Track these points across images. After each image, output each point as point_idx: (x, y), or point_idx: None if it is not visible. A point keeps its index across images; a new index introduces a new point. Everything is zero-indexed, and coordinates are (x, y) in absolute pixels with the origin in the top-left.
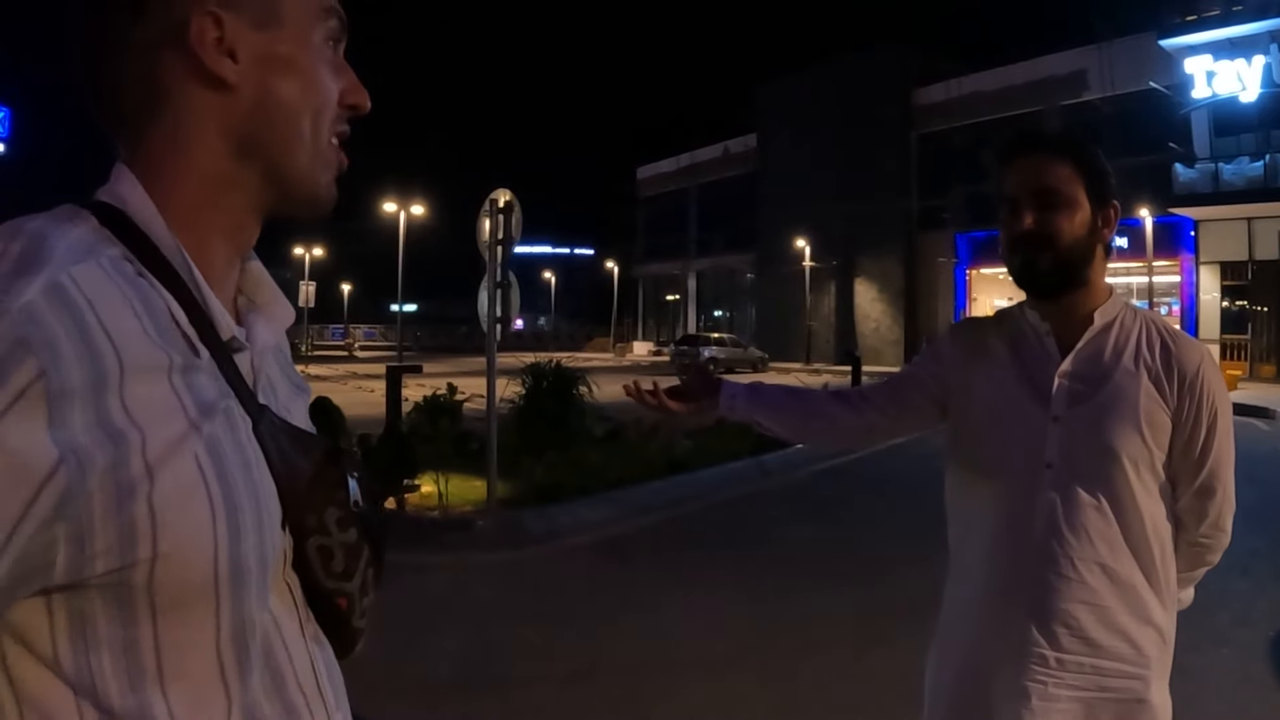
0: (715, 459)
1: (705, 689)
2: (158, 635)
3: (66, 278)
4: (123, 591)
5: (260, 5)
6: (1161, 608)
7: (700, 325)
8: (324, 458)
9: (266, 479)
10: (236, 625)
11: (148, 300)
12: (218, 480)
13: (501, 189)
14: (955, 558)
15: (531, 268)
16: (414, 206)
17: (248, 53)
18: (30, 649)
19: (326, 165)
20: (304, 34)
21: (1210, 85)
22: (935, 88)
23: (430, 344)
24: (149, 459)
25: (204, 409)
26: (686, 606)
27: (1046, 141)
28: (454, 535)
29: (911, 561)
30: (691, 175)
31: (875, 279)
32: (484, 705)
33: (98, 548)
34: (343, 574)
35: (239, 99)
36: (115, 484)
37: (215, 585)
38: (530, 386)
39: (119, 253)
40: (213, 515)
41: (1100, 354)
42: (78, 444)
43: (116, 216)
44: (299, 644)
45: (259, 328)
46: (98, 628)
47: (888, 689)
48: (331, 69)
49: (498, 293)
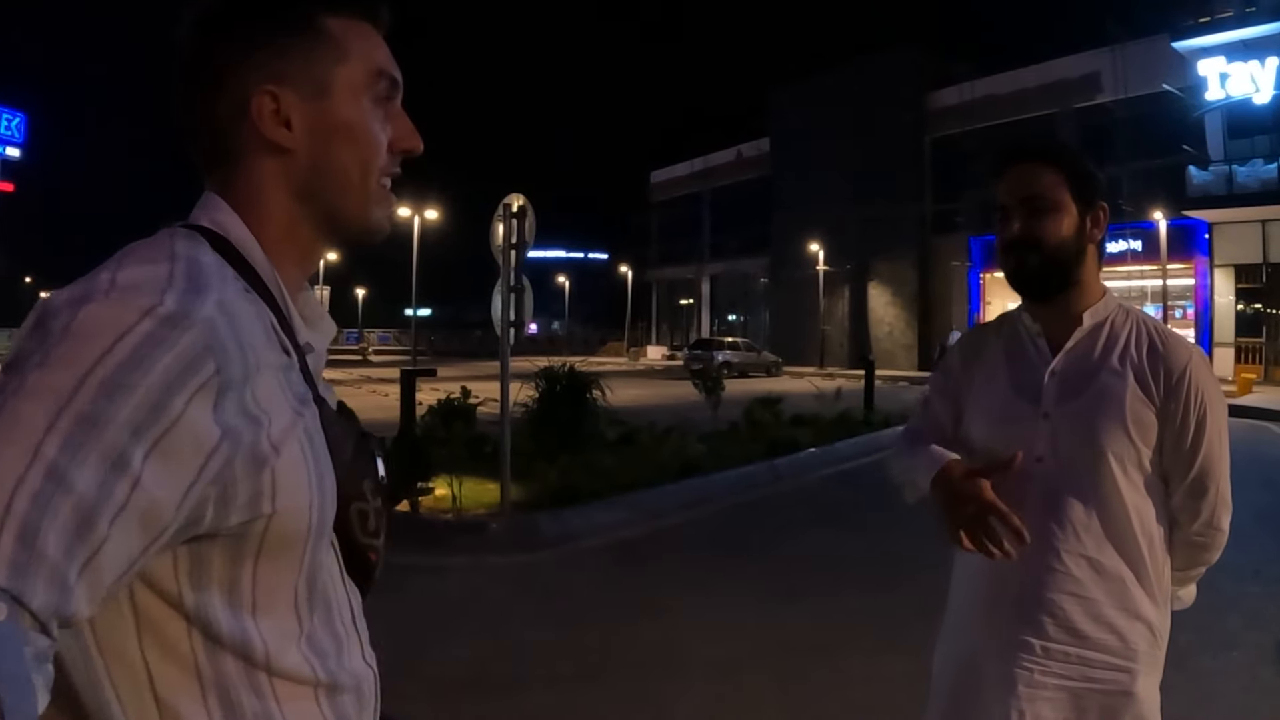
0: (728, 462)
1: (718, 691)
2: (256, 576)
3: (226, 297)
4: (240, 540)
5: (311, 81)
6: (1151, 603)
7: (714, 329)
8: (360, 440)
9: (328, 456)
10: (312, 566)
11: (260, 313)
12: (312, 456)
13: (515, 194)
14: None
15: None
16: (428, 211)
17: (301, 121)
18: (154, 587)
19: (377, 204)
20: (351, 101)
21: (1224, 87)
22: (948, 91)
23: (444, 348)
24: (273, 439)
25: (301, 400)
26: (700, 609)
27: (1032, 150)
28: (468, 538)
29: (925, 565)
30: (705, 179)
31: (889, 283)
32: (497, 706)
33: (236, 505)
34: (374, 532)
35: (297, 159)
36: (253, 457)
37: (307, 535)
38: (544, 390)
39: (232, 273)
40: (309, 483)
41: (1089, 353)
42: (232, 425)
43: (221, 242)
44: (341, 587)
45: (314, 337)
46: (212, 570)
47: (901, 692)
48: (380, 123)
49: (511, 297)
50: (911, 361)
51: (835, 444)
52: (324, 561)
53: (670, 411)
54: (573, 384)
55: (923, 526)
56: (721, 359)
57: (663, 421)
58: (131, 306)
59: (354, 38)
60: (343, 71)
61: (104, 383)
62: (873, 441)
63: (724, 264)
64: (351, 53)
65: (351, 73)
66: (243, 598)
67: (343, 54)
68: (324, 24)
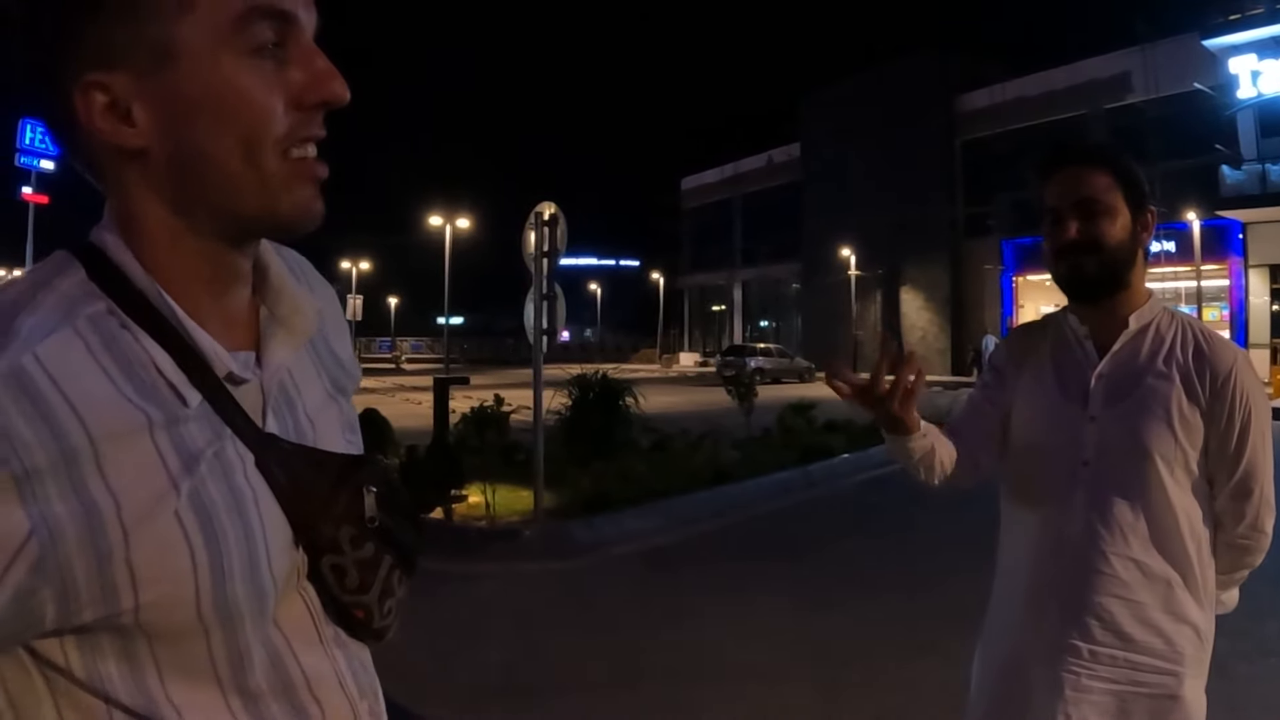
0: (761, 469)
1: (751, 699)
2: (155, 654)
3: (30, 358)
4: (117, 628)
5: (142, 49)
6: (1198, 606)
7: (746, 336)
8: (338, 477)
9: (269, 510)
10: (230, 650)
11: (126, 358)
12: (200, 530)
13: (546, 202)
14: (1001, 553)
15: (577, 280)
16: (460, 220)
17: (146, 108)
18: (52, 665)
19: (286, 186)
20: (208, 62)
21: (1255, 85)
22: (978, 93)
23: (477, 356)
24: (125, 522)
25: (188, 460)
26: (732, 616)
27: (1084, 153)
28: (501, 545)
29: (958, 571)
30: (736, 185)
31: (921, 287)
32: (530, 712)
33: (83, 602)
34: (358, 588)
35: (153, 159)
36: (93, 548)
37: (201, 622)
38: (576, 398)
39: (103, 307)
40: (193, 566)
41: (1136, 356)
42: (51, 515)
43: (103, 264)
44: (314, 651)
45: (275, 344)
46: (102, 645)
47: (934, 699)
48: (266, 79)
49: (544, 305)
50: (945, 366)
51: (868, 450)
52: (258, 639)
53: (703, 418)
54: (605, 391)
55: (957, 533)
56: (754, 365)
57: (695, 428)
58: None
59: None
60: (190, 24)
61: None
62: None
63: (755, 270)
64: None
65: (204, 22)
66: (144, 668)
67: (186, 1)
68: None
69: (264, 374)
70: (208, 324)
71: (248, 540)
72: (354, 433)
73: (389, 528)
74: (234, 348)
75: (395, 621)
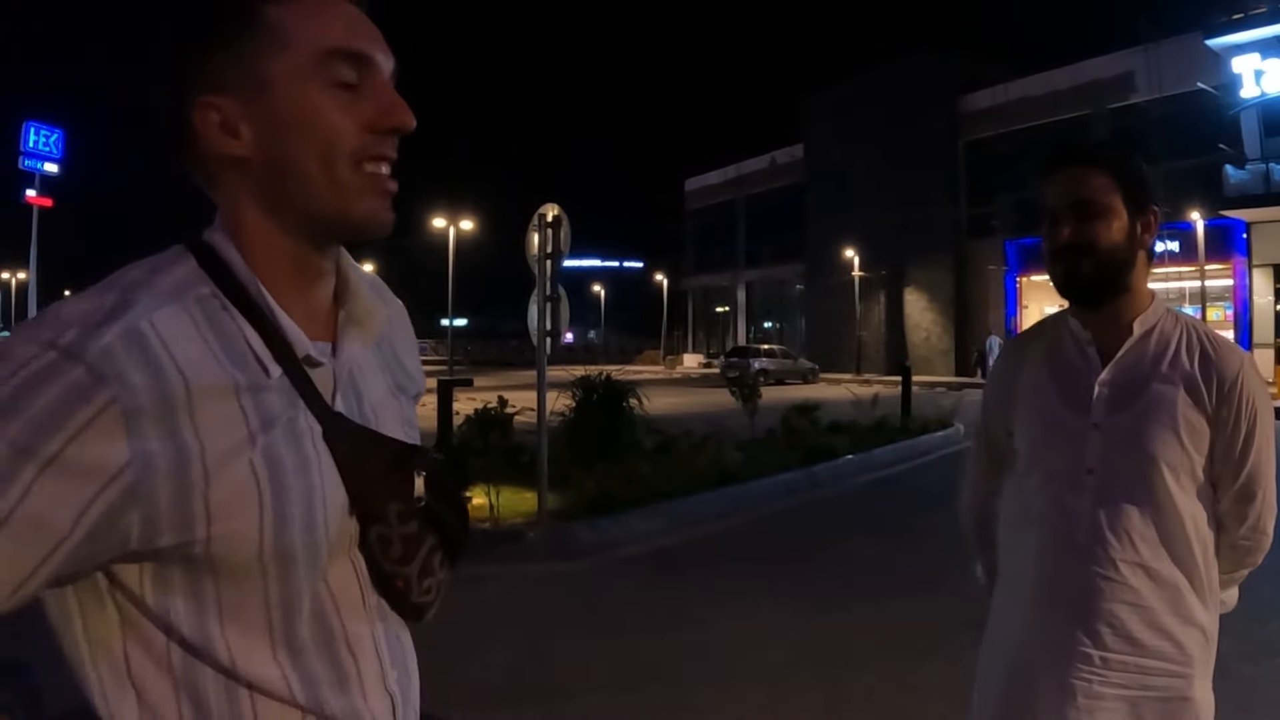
0: (766, 470)
1: (757, 700)
2: (218, 590)
3: (146, 323)
4: (189, 559)
5: (251, 80)
6: (1204, 608)
7: (750, 337)
8: (394, 459)
9: (330, 477)
10: (284, 594)
11: (224, 333)
12: (270, 481)
13: (549, 203)
14: (1003, 558)
15: (581, 281)
16: (463, 222)
17: (249, 126)
18: (124, 590)
19: (358, 195)
20: (297, 91)
21: (1259, 84)
22: (981, 94)
23: (481, 358)
24: (207, 464)
25: (266, 421)
26: (737, 617)
27: (1083, 153)
28: (505, 547)
29: (963, 574)
30: (739, 187)
31: (925, 288)
32: (534, 715)
33: (163, 527)
34: (400, 559)
35: (252, 167)
36: (179, 482)
37: (261, 562)
38: (580, 399)
39: (209, 290)
40: (260, 510)
41: (1140, 362)
42: (148, 450)
43: (212, 256)
44: (357, 614)
45: (349, 339)
46: (174, 581)
47: (938, 701)
48: (342, 106)
49: (547, 306)
50: (948, 367)
51: (873, 451)
52: (308, 590)
53: (707, 419)
54: (609, 393)
55: (960, 535)
56: (758, 366)
57: (700, 429)
58: (37, 339)
59: (298, 20)
60: (284, 61)
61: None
62: (911, 448)
63: (759, 271)
64: (293, 38)
65: (294, 60)
66: (207, 607)
67: (283, 42)
68: (263, 13)
69: (337, 362)
70: (293, 313)
71: (309, 497)
72: (412, 428)
73: (435, 511)
74: (314, 338)
75: (436, 602)
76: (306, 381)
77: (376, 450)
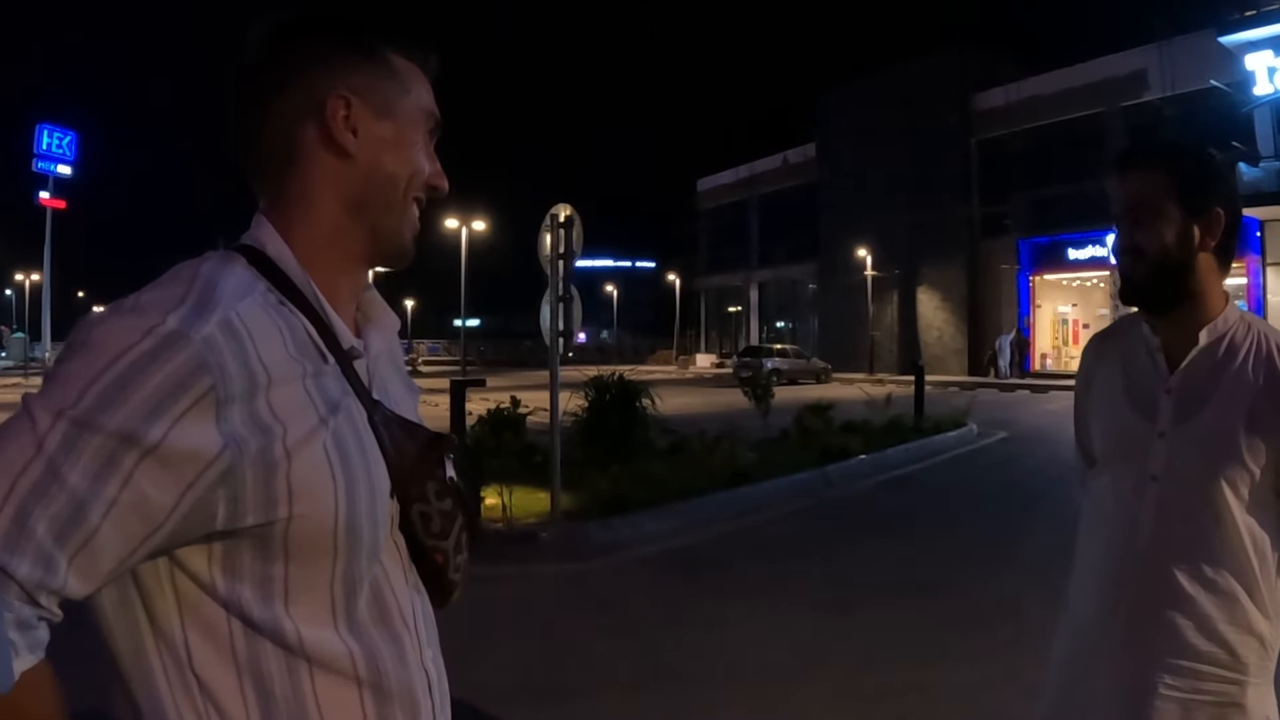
0: (779, 470)
1: (768, 700)
2: (287, 572)
3: (234, 314)
4: (265, 540)
5: (380, 99)
6: (1264, 617)
7: (763, 337)
8: (427, 443)
9: (378, 459)
10: (348, 571)
11: (289, 323)
12: (340, 462)
13: (562, 204)
14: (1080, 549)
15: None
16: (476, 222)
17: (365, 132)
18: (190, 573)
19: (409, 226)
20: (409, 126)
21: (1272, 81)
22: (994, 92)
23: (494, 358)
24: (288, 446)
25: (331, 406)
26: (750, 617)
27: (1140, 154)
28: (519, 547)
29: (976, 574)
30: (751, 186)
31: (938, 287)
32: (547, 715)
33: (248, 507)
34: (439, 534)
35: (355, 166)
36: (263, 463)
37: (334, 540)
38: (593, 399)
39: (264, 286)
40: (335, 489)
41: (1206, 371)
42: (238, 434)
43: (259, 257)
44: (403, 589)
45: (372, 337)
46: (243, 564)
47: (952, 702)
48: (427, 155)
49: (560, 307)
50: (962, 366)
51: (886, 451)
52: (369, 568)
53: (720, 419)
54: (622, 393)
55: (975, 536)
56: (771, 366)
57: (713, 429)
58: (137, 326)
59: (412, 77)
60: (407, 101)
61: (102, 393)
62: (924, 447)
63: (772, 271)
64: (412, 88)
65: (413, 104)
66: (274, 590)
67: (405, 87)
68: (389, 56)
69: (369, 356)
70: (338, 310)
71: (369, 477)
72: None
73: (462, 490)
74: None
75: (462, 582)
76: (352, 370)
77: (410, 435)
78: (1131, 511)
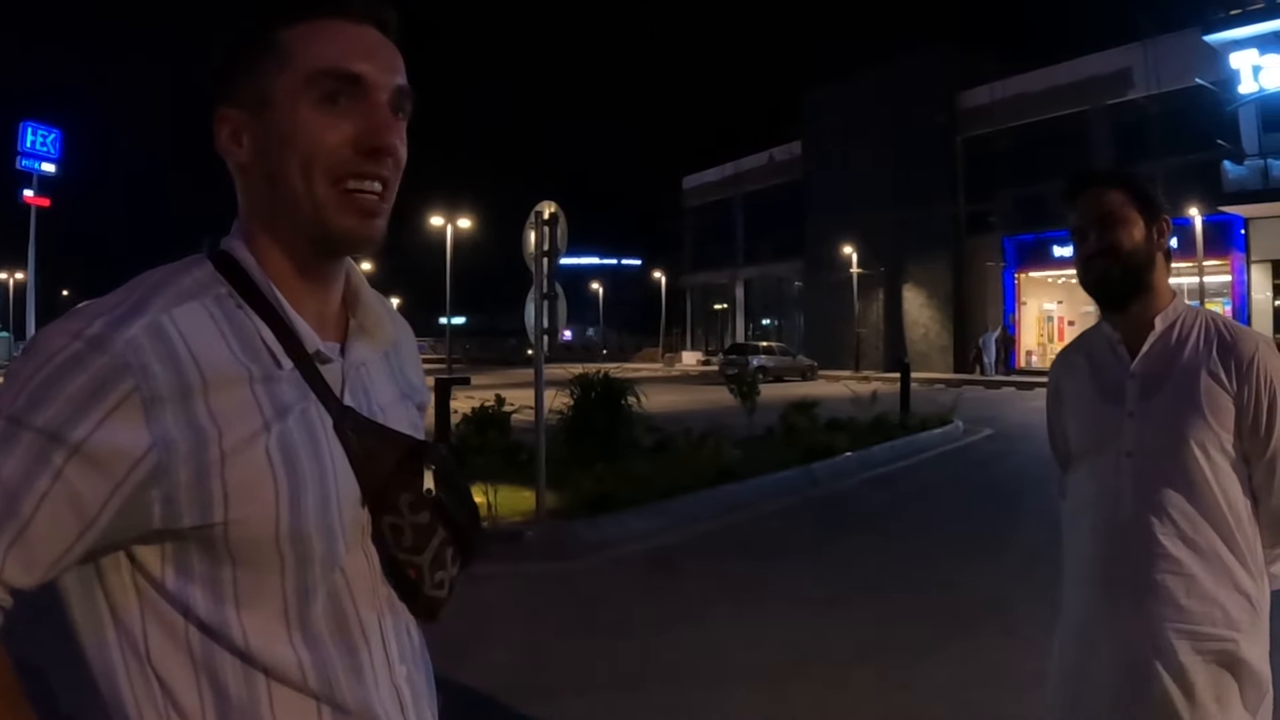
0: (765, 468)
1: (754, 699)
2: (236, 577)
3: (166, 318)
4: (209, 542)
5: (256, 95)
6: (1248, 574)
7: (749, 334)
8: (405, 454)
9: (342, 466)
10: (299, 586)
11: (239, 328)
12: (284, 465)
13: (546, 201)
14: (1067, 549)
15: (579, 279)
16: (461, 220)
17: (250, 136)
18: (144, 571)
19: (336, 211)
20: (289, 107)
21: (1257, 80)
22: (979, 90)
23: (479, 356)
24: (224, 448)
25: (279, 410)
26: (736, 615)
27: (1100, 175)
28: (504, 546)
29: (963, 571)
30: (737, 184)
31: (923, 285)
32: (533, 715)
33: (183, 508)
34: (411, 548)
35: (253, 173)
36: (197, 464)
37: (278, 546)
38: (579, 397)
39: (224, 291)
40: (275, 494)
41: (1164, 353)
42: (169, 435)
43: (229, 261)
44: (369, 602)
45: (358, 345)
46: (193, 566)
47: (938, 699)
48: (328, 124)
49: (545, 304)
50: (947, 363)
51: (872, 448)
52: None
53: (706, 417)
54: (608, 391)
55: (961, 532)
56: (756, 364)
57: (698, 427)
58: (68, 330)
59: (303, 42)
60: (283, 79)
61: (33, 392)
62: (910, 445)
63: (758, 268)
64: (294, 58)
65: (290, 79)
66: (224, 593)
67: (284, 61)
68: (277, 36)
69: (345, 361)
70: (304, 314)
71: (321, 484)
72: (418, 431)
73: (445, 504)
74: (325, 339)
75: (447, 598)
76: (317, 375)
77: (386, 443)
78: (1111, 488)
